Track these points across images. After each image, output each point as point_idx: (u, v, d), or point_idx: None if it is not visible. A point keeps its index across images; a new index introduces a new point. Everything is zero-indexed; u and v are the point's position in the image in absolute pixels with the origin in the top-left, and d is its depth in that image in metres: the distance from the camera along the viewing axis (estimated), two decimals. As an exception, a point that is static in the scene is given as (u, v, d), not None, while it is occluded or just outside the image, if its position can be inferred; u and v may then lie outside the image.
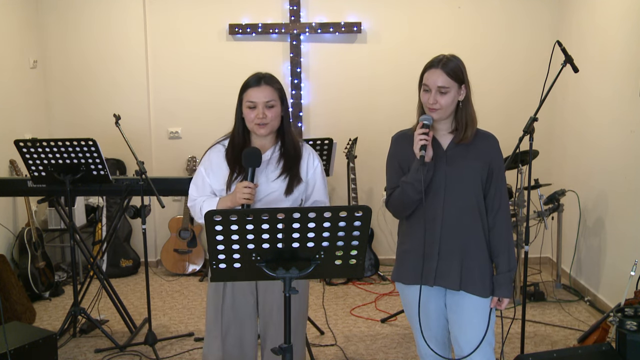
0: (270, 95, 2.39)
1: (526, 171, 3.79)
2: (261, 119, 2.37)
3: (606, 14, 4.50)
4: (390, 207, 2.42)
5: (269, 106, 2.38)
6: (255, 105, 2.38)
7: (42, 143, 3.56)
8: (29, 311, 4.33)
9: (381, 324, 4.27)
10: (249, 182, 2.32)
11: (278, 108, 2.42)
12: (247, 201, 2.31)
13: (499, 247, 2.35)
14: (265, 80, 2.41)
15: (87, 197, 5.31)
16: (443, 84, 2.25)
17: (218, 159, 2.49)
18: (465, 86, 2.30)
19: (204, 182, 2.50)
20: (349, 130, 5.40)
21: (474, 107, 2.34)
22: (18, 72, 5.10)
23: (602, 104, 4.52)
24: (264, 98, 2.38)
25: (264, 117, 2.37)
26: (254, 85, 2.40)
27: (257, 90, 2.39)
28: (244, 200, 2.31)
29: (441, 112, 2.28)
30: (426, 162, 2.25)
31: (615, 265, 4.28)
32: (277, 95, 2.41)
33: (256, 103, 2.38)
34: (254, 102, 2.38)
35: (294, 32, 5.44)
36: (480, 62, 5.38)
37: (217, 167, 2.48)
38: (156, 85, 5.56)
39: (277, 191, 2.42)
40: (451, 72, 2.25)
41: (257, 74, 2.44)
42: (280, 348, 1.97)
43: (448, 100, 2.27)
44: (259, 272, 1.94)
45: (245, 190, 2.30)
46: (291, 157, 2.45)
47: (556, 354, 3.01)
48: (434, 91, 2.26)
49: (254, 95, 2.38)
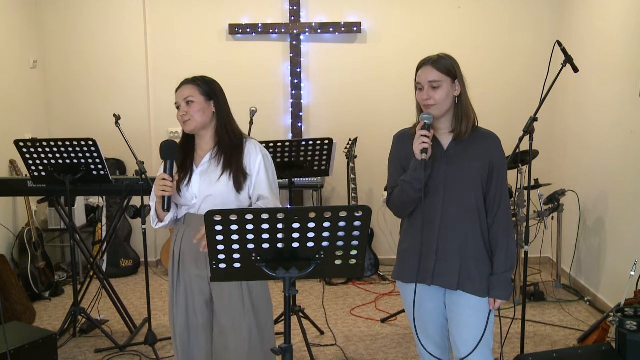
0: (189, 91, 2.46)
1: (526, 171, 3.79)
2: (182, 115, 2.44)
3: (606, 15, 4.50)
4: (391, 205, 2.43)
5: (188, 102, 2.45)
6: (178, 105, 2.47)
7: (42, 143, 3.56)
8: (29, 311, 4.33)
9: (381, 324, 4.27)
10: (164, 174, 2.35)
11: (200, 104, 2.45)
12: (165, 193, 2.33)
13: (497, 246, 2.34)
14: (187, 81, 2.50)
15: (87, 197, 5.31)
16: (434, 78, 2.26)
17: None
18: (459, 81, 2.30)
19: None
20: (349, 130, 5.40)
21: (470, 103, 2.34)
22: (18, 72, 5.10)
23: (602, 104, 4.52)
24: (182, 96, 2.46)
25: (185, 114, 2.44)
26: (177, 88, 2.50)
27: (179, 91, 2.49)
28: (161, 193, 2.33)
29: (437, 108, 2.28)
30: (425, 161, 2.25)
31: (615, 265, 4.28)
32: (197, 90, 2.47)
33: (178, 103, 2.47)
34: (177, 102, 2.47)
35: (294, 32, 5.45)
36: (480, 62, 5.38)
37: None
38: (156, 85, 5.56)
39: (221, 191, 2.42)
40: (442, 67, 2.27)
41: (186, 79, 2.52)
42: (281, 348, 1.97)
43: (442, 94, 2.27)
44: (259, 272, 1.94)
45: (160, 182, 2.33)
46: (229, 153, 2.46)
47: (556, 354, 3.01)
48: (426, 87, 2.28)
49: (176, 96, 2.48)
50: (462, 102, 2.32)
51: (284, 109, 5.60)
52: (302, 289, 4.97)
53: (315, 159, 3.82)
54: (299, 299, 4.75)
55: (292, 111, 5.53)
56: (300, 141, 3.75)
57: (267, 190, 2.47)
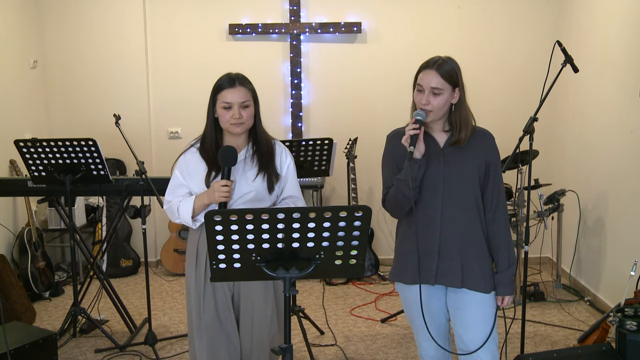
0: (245, 95, 2.46)
1: (526, 171, 3.79)
2: (237, 119, 2.44)
3: (606, 14, 4.49)
4: (387, 206, 2.43)
5: (244, 106, 2.46)
6: (230, 106, 2.44)
7: (42, 143, 3.56)
8: (29, 311, 4.33)
9: (381, 324, 4.27)
10: (226, 181, 2.39)
11: (252, 108, 2.49)
12: (225, 199, 2.38)
13: (499, 243, 2.36)
14: (239, 81, 2.47)
15: (87, 197, 5.31)
16: (437, 85, 2.25)
17: (193, 160, 2.56)
18: (459, 89, 2.30)
19: (180, 184, 2.57)
20: (349, 130, 5.40)
21: (469, 109, 2.34)
22: (18, 72, 5.10)
23: (602, 104, 4.52)
24: (239, 99, 2.44)
25: (240, 117, 2.44)
26: (229, 86, 2.46)
27: (232, 91, 2.45)
28: (222, 199, 2.38)
29: (432, 114, 2.29)
30: (418, 159, 2.24)
31: (615, 265, 4.28)
32: (250, 95, 2.49)
33: (231, 104, 2.44)
34: (230, 102, 2.44)
35: (294, 32, 5.44)
36: (480, 62, 5.38)
37: (194, 169, 2.54)
38: (156, 85, 5.56)
39: (257, 190, 2.48)
40: (445, 74, 2.26)
41: (229, 75, 2.50)
42: (281, 348, 1.97)
43: (440, 102, 2.27)
44: (259, 272, 1.94)
45: (223, 189, 2.37)
46: (265, 154, 2.53)
47: (556, 354, 3.01)
48: (427, 91, 2.27)
49: (229, 96, 2.45)
50: (461, 110, 2.31)
51: (284, 109, 5.60)
52: (302, 289, 4.97)
53: (315, 159, 3.82)
54: (299, 299, 4.75)
55: (292, 111, 5.53)
56: (300, 141, 3.75)
57: (296, 190, 2.60)
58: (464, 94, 2.32)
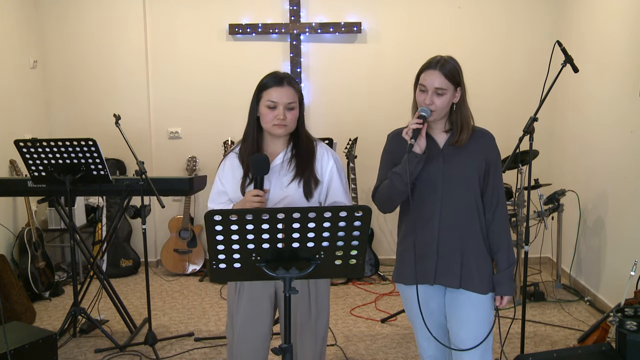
0: (292, 96, 2.33)
1: (526, 171, 3.79)
2: (281, 120, 2.31)
3: (606, 14, 4.50)
4: (376, 199, 2.42)
5: (289, 108, 2.33)
6: (275, 106, 2.32)
7: (42, 143, 3.56)
8: (29, 311, 4.33)
9: (381, 324, 4.27)
10: (257, 190, 2.26)
11: (297, 111, 2.36)
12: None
13: (499, 243, 2.35)
14: (287, 81, 2.35)
15: (87, 197, 5.31)
16: (440, 85, 2.25)
17: (232, 165, 2.44)
18: (461, 88, 2.30)
19: (220, 192, 2.47)
20: (349, 130, 5.40)
21: (469, 108, 2.34)
22: (18, 72, 5.10)
23: (602, 104, 4.52)
24: (286, 99, 2.32)
25: (284, 119, 2.32)
26: (276, 84, 2.34)
27: (280, 90, 2.33)
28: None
29: (435, 114, 2.29)
30: (417, 153, 2.24)
31: (615, 265, 4.28)
32: (297, 97, 2.36)
33: (277, 103, 2.32)
34: (275, 102, 2.32)
35: (294, 32, 5.45)
36: (480, 62, 5.38)
37: (231, 174, 2.44)
38: (156, 85, 5.56)
39: (292, 195, 2.36)
40: (448, 74, 2.26)
41: (277, 73, 2.38)
42: (281, 348, 1.97)
43: (444, 102, 2.27)
44: (259, 272, 1.94)
45: (254, 199, 2.25)
46: (304, 158, 2.38)
47: (556, 354, 3.01)
48: (430, 92, 2.27)
49: (275, 95, 2.32)
50: (462, 109, 2.32)
51: (284, 109, 5.59)
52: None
53: (316, 159, 3.81)
54: (299, 299, 4.75)
55: (292, 111, 5.53)
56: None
57: (343, 196, 2.42)
58: (465, 93, 2.33)
